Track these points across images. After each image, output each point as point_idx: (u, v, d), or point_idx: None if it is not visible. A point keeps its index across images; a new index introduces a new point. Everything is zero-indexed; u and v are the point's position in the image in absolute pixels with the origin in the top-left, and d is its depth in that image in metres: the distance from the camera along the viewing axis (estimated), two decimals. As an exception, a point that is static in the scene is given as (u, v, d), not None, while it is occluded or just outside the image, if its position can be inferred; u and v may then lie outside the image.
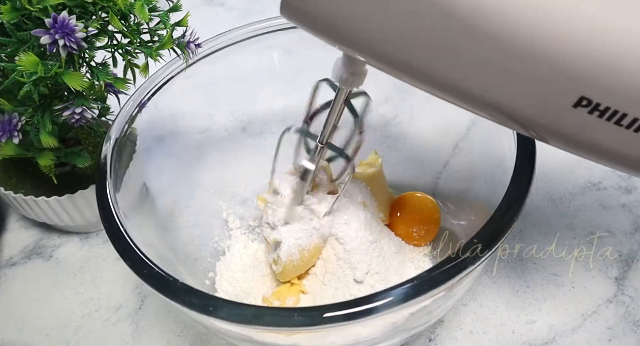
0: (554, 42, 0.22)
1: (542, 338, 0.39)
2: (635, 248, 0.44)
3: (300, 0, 0.24)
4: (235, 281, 0.42)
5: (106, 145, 0.37)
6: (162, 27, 0.35)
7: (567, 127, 0.24)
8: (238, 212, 0.46)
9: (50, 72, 0.31)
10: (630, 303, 0.41)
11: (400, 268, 0.40)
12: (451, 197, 0.43)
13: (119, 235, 0.32)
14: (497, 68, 0.23)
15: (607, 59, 0.22)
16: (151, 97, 0.40)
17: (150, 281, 0.30)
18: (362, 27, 0.24)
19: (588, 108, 0.22)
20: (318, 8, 0.24)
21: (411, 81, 0.26)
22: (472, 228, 0.35)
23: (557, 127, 0.24)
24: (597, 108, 0.22)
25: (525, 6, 0.21)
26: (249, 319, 0.27)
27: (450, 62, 0.24)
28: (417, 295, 0.27)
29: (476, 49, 0.23)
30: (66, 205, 0.43)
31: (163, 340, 0.41)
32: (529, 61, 0.22)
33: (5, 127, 0.34)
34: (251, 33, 0.44)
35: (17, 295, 0.45)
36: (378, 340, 0.34)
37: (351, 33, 0.25)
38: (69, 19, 0.30)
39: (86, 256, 0.47)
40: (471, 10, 0.22)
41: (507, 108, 0.25)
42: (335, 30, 0.25)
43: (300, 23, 0.26)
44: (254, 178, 0.48)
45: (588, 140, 0.24)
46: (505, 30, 0.22)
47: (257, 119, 0.48)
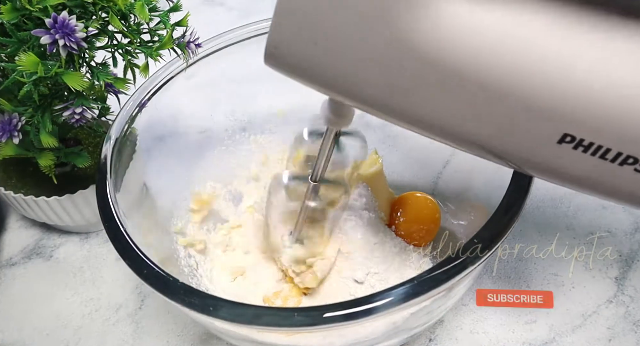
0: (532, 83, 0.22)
1: (542, 338, 0.39)
2: (635, 248, 0.44)
3: (279, 51, 0.25)
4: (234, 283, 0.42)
5: (106, 145, 0.37)
6: (162, 27, 0.35)
7: (552, 162, 0.24)
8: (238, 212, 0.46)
9: (50, 72, 0.31)
10: (630, 303, 0.41)
11: (401, 268, 0.40)
12: (451, 197, 0.43)
13: (119, 235, 0.32)
14: (479, 109, 0.24)
15: (585, 98, 0.22)
16: (151, 97, 0.40)
17: (150, 281, 0.30)
18: (343, 75, 0.25)
19: (572, 144, 0.23)
20: (297, 60, 0.25)
21: (392, 121, 0.27)
22: (472, 228, 0.35)
23: (543, 162, 0.25)
24: (581, 144, 0.23)
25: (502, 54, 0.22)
26: (249, 319, 0.27)
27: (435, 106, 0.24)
28: (417, 295, 0.27)
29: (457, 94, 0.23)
30: (66, 205, 0.43)
31: (163, 340, 0.41)
32: (510, 102, 0.23)
33: (5, 127, 0.34)
34: (251, 33, 0.44)
35: (17, 295, 0.45)
36: (378, 340, 0.34)
37: (332, 80, 0.25)
38: (69, 19, 0.30)
39: (86, 256, 0.47)
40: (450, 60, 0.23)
41: (491, 146, 0.25)
42: (315, 78, 0.26)
43: (283, 72, 0.27)
44: (254, 178, 0.48)
45: (574, 174, 0.25)
46: (482, 75, 0.22)
47: (257, 119, 0.48)
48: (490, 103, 0.23)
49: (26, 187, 0.43)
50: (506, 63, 0.22)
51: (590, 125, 0.22)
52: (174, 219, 0.42)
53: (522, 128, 0.23)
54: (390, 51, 0.23)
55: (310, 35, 0.24)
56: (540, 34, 0.22)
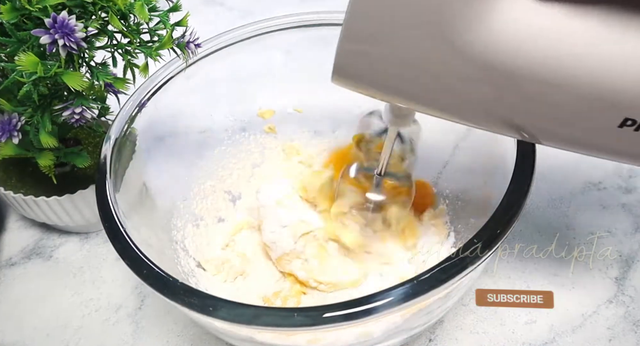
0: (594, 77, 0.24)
1: (542, 338, 0.39)
2: (635, 248, 0.44)
3: (347, 72, 0.27)
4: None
5: (106, 145, 0.37)
6: (162, 27, 0.35)
7: (614, 144, 0.27)
8: (238, 212, 0.46)
9: (50, 72, 0.30)
10: (630, 303, 0.41)
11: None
12: (451, 197, 0.43)
13: (119, 235, 0.32)
14: (544, 105, 0.26)
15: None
16: (151, 97, 0.40)
17: (150, 281, 0.30)
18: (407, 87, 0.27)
19: (634, 127, 0.25)
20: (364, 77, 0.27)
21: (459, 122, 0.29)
22: (472, 228, 0.35)
23: (606, 145, 0.27)
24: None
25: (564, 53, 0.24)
26: (249, 319, 0.27)
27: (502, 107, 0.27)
28: (417, 295, 0.27)
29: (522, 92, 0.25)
30: (66, 205, 0.43)
31: (163, 340, 0.41)
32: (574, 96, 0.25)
33: (5, 127, 0.34)
34: (251, 33, 0.44)
35: (17, 295, 0.45)
36: (378, 340, 0.34)
37: (393, 92, 0.28)
38: (69, 19, 0.30)
39: (86, 256, 0.47)
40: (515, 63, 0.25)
41: (557, 136, 0.28)
42: (381, 91, 0.28)
43: (350, 88, 0.28)
44: (254, 178, 0.48)
45: (635, 152, 0.27)
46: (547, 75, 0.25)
47: (257, 119, 0.48)
48: (554, 99, 0.25)
49: (26, 187, 0.43)
50: (569, 61, 0.24)
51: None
52: (174, 219, 0.42)
53: (586, 118, 0.26)
54: (451, 60, 0.25)
55: (375, 54, 0.26)
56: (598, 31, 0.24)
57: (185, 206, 0.44)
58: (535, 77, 0.25)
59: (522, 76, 0.25)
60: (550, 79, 0.25)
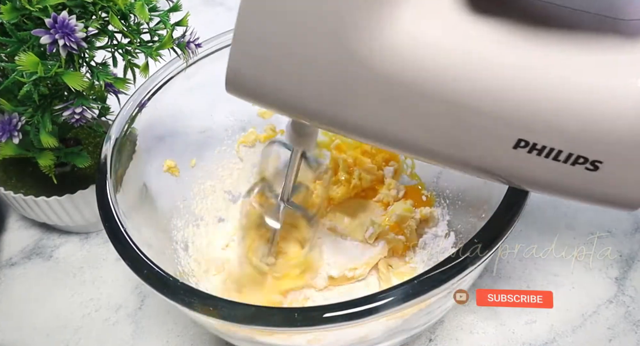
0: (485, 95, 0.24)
1: (542, 338, 0.39)
2: (635, 248, 0.44)
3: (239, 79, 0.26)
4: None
5: (106, 145, 0.37)
6: (162, 27, 0.35)
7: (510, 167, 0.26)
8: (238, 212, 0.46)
9: (50, 72, 0.31)
10: (630, 303, 0.41)
11: None
12: (451, 197, 0.43)
13: (119, 235, 0.32)
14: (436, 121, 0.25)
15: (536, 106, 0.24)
16: (151, 97, 0.40)
17: (150, 281, 0.30)
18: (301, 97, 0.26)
19: (527, 148, 0.24)
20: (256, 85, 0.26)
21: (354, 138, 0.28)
22: (472, 228, 0.35)
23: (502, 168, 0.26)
24: (534, 148, 0.24)
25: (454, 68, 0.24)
26: (249, 319, 0.27)
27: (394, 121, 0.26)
28: (417, 295, 0.27)
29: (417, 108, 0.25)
30: (66, 205, 0.43)
31: (163, 340, 0.41)
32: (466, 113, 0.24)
33: (5, 127, 0.34)
34: (251, 33, 0.44)
35: (17, 295, 0.45)
36: (378, 340, 0.34)
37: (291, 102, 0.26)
38: (69, 19, 0.30)
39: (86, 256, 0.47)
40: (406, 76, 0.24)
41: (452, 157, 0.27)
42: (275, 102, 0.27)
43: (244, 98, 0.28)
44: (254, 178, 0.48)
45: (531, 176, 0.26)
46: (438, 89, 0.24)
47: (257, 119, 0.48)
48: (447, 115, 0.24)
49: (26, 187, 0.43)
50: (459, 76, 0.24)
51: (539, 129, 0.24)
52: (174, 219, 0.42)
53: (482, 137, 0.25)
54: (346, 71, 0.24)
55: (268, 60, 0.25)
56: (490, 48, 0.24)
57: (185, 206, 0.44)
58: (431, 92, 0.24)
59: (419, 92, 0.24)
60: (445, 96, 0.24)
